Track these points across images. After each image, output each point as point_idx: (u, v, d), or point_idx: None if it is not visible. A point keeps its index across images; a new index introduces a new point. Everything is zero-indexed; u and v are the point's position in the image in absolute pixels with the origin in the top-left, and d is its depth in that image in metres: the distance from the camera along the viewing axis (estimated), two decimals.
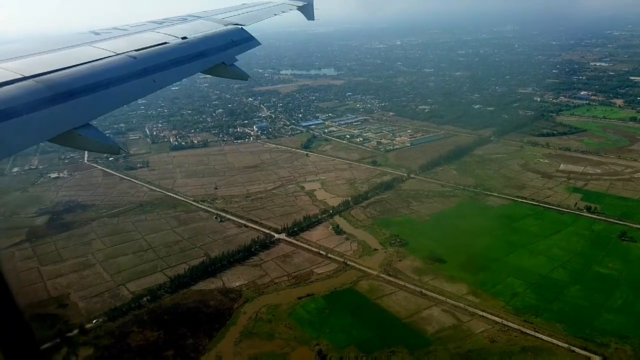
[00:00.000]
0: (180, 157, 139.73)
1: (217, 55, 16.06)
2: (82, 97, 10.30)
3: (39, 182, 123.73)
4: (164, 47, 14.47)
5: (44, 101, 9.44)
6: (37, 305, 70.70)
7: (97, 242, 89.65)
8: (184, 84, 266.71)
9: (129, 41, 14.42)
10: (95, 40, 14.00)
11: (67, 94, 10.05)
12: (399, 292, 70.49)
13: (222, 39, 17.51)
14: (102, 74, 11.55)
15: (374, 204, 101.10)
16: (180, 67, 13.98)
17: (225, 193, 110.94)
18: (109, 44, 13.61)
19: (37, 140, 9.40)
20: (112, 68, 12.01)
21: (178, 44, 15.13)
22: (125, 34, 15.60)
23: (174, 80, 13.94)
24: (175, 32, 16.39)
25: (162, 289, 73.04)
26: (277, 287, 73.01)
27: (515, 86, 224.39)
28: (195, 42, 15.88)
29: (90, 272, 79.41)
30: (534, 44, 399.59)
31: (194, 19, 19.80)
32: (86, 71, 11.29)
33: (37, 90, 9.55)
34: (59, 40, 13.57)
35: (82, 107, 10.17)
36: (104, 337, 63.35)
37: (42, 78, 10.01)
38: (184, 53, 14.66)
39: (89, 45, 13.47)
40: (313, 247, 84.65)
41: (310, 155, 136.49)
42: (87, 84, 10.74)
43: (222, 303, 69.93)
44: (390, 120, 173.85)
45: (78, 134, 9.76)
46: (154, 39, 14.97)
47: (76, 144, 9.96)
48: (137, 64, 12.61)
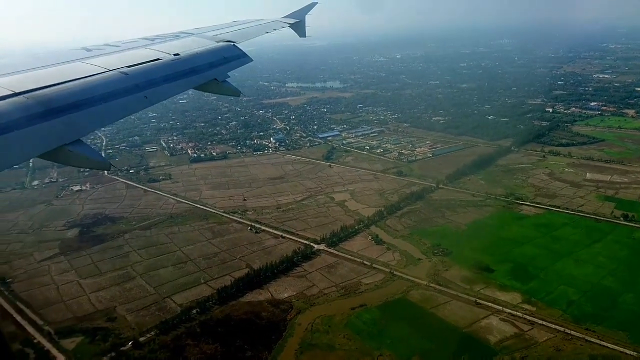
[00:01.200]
0: (202, 169, 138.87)
1: (209, 71, 16.07)
2: (73, 113, 10.28)
3: (62, 195, 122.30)
4: (156, 64, 14.45)
5: (35, 117, 9.42)
6: (85, 319, 69.45)
7: (133, 255, 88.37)
8: (192, 97, 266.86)
9: (120, 57, 14.44)
10: (87, 57, 13.98)
11: (58, 110, 10.04)
12: (453, 301, 69.79)
13: (214, 55, 17.54)
14: (94, 90, 11.50)
15: (408, 214, 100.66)
16: (172, 83, 13.94)
17: (254, 204, 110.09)
18: (100, 60, 13.59)
19: (27, 157, 9.29)
20: (103, 84, 11.98)
21: (170, 60, 15.12)
22: (117, 50, 15.59)
23: (166, 97, 13.73)
24: (167, 48, 16.42)
25: (210, 301, 71.83)
26: (327, 298, 72.08)
27: (524, 97, 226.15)
28: (187, 58, 15.89)
29: (132, 285, 78.10)
30: (533, 57, 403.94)
31: (186, 36, 19.93)
32: (77, 87, 11.26)
33: (28, 107, 9.55)
34: (50, 57, 13.57)
35: (73, 123, 10.16)
36: (160, 351, 62.04)
37: (33, 94, 10.02)
38: (176, 69, 14.68)
39: (81, 61, 13.41)
40: (355, 257, 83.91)
41: (333, 166, 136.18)
42: (79, 100, 10.74)
43: (274, 314, 68.84)
44: (406, 131, 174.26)
45: (68, 150, 9.73)
46: (146, 55, 15.00)
47: (66, 160, 9.92)
48: (129, 80, 12.62)
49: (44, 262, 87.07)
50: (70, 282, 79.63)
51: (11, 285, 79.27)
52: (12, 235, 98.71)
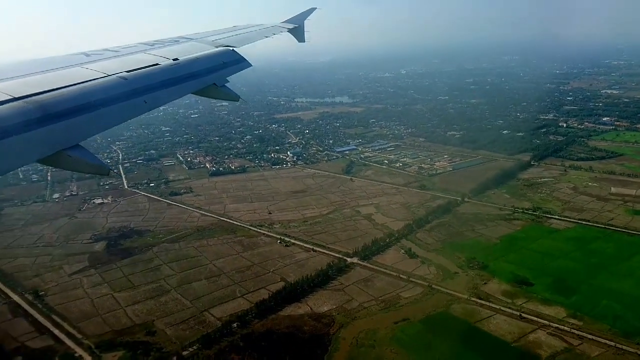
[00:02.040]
0: (222, 183, 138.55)
1: (208, 76, 16.09)
2: (72, 118, 10.29)
3: (84, 208, 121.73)
4: (155, 68, 14.44)
5: (34, 122, 9.44)
6: (124, 333, 68.53)
7: (165, 268, 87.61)
8: (203, 111, 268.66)
9: (120, 62, 14.42)
10: (86, 62, 13.95)
11: (57, 115, 10.05)
12: (496, 315, 68.98)
13: (213, 60, 17.57)
14: (93, 94, 11.50)
15: (437, 228, 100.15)
16: (172, 88, 13.98)
17: (280, 218, 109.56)
18: (100, 65, 13.58)
19: (26, 161, 9.37)
20: (102, 89, 11.97)
21: (169, 65, 15.14)
22: (116, 55, 15.59)
23: (166, 102, 13.71)
24: (167, 53, 16.44)
25: (249, 315, 70.93)
26: (369, 312, 71.21)
27: (535, 113, 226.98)
28: (187, 63, 15.90)
29: (168, 299, 77.24)
30: (539, 73, 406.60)
31: (185, 41, 19.94)
32: (76, 92, 11.26)
33: (27, 111, 9.59)
34: (49, 62, 13.57)
35: (72, 128, 10.17)
36: None
37: (32, 99, 10.03)
38: (175, 74, 14.72)
39: (80, 66, 13.39)
40: (390, 271, 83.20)
41: (355, 180, 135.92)
42: (78, 105, 10.74)
43: (316, 328, 67.93)
44: (422, 145, 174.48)
45: (67, 155, 9.74)
46: (145, 60, 15.01)
47: (65, 165, 9.97)
48: (128, 85, 12.62)
49: (74, 275, 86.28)
50: (104, 296, 78.76)
51: (44, 298, 78.36)
52: (39, 248, 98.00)
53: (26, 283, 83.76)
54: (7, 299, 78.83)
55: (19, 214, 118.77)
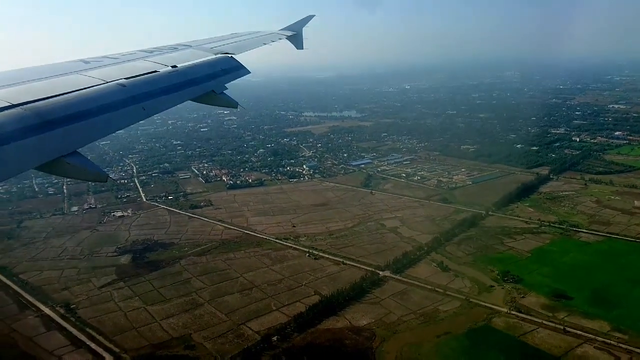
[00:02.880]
0: (241, 196, 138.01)
1: (207, 83, 16.14)
2: (70, 125, 10.27)
3: (104, 220, 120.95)
4: (154, 75, 14.48)
5: (32, 129, 9.41)
6: (163, 347, 67.48)
7: (195, 281, 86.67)
8: (212, 125, 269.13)
9: (119, 69, 14.44)
10: (85, 69, 13.99)
11: (56, 121, 10.04)
12: (540, 329, 68.09)
13: (212, 67, 17.65)
14: (92, 101, 11.51)
15: (466, 241, 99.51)
16: (170, 95, 14.02)
17: (305, 231, 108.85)
18: (98, 72, 13.61)
19: (25, 168, 9.30)
20: (101, 96, 11.99)
21: (168, 72, 15.19)
22: (115, 62, 15.59)
23: (164, 108, 13.66)
24: (165, 60, 16.48)
25: (287, 328, 69.87)
26: (409, 325, 70.28)
27: (546, 127, 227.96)
28: (185, 70, 15.94)
29: (202, 312, 76.25)
30: (543, 88, 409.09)
31: (184, 48, 19.98)
32: (75, 99, 11.26)
33: (25, 118, 9.56)
34: (48, 69, 13.58)
35: (71, 135, 10.15)
36: None
37: (30, 106, 10.00)
38: (173, 81, 14.76)
39: (79, 73, 13.40)
40: (424, 284, 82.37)
41: (375, 193, 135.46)
42: (76, 111, 10.73)
43: (358, 342, 66.96)
44: (438, 159, 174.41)
45: (66, 162, 9.72)
46: (144, 67, 15.06)
47: (64, 172, 9.94)
48: (127, 91, 12.65)
49: (104, 288, 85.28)
50: (137, 309, 77.71)
51: (76, 311, 77.30)
52: (64, 261, 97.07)
53: (55, 296, 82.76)
54: (38, 312, 77.74)
55: (38, 226, 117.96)
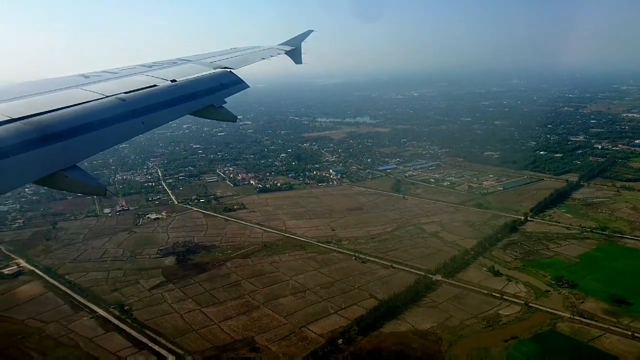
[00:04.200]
0: (273, 200, 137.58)
1: (206, 97, 16.15)
2: (70, 139, 10.31)
3: (140, 223, 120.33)
4: (153, 90, 14.54)
5: (32, 143, 9.45)
6: (227, 349, 66.83)
7: (245, 284, 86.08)
8: (229, 129, 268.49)
9: (118, 84, 14.51)
10: (84, 83, 14.04)
11: (55, 135, 10.07)
12: (607, 334, 67.57)
13: (211, 81, 17.69)
14: (91, 115, 11.55)
15: (510, 246, 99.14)
16: (170, 109, 14.01)
17: (345, 235, 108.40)
18: (98, 87, 13.67)
19: (24, 182, 9.32)
20: (101, 110, 12.04)
21: (167, 86, 15.24)
22: (114, 76, 15.66)
23: (163, 122, 13.73)
24: (165, 75, 16.56)
25: (350, 331, 69.22)
26: (473, 330, 69.71)
27: (564, 134, 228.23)
28: (185, 84, 16.03)
29: (260, 314, 75.61)
30: (552, 97, 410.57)
31: (183, 63, 20.07)
32: (75, 113, 11.30)
33: (25, 132, 9.59)
34: (48, 83, 13.63)
35: (70, 149, 10.19)
36: None
37: (30, 120, 10.05)
38: (173, 95, 14.79)
39: (79, 87, 13.46)
40: (479, 288, 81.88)
41: (408, 198, 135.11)
42: (76, 125, 10.76)
43: (425, 346, 66.36)
44: (463, 165, 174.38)
45: (65, 176, 9.76)
46: (144, 81, 15.13)
47: (63, 186, 9.97)
48: (126, 106, 12.69)
49: (154, 290, 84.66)
50: (192, 311, 77.05)
51: (131, 312, 76.60)
52: (108, 263, 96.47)
53: (106, 297, 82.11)
54: (92, 314, 77.04)
55: (74, 228, 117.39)
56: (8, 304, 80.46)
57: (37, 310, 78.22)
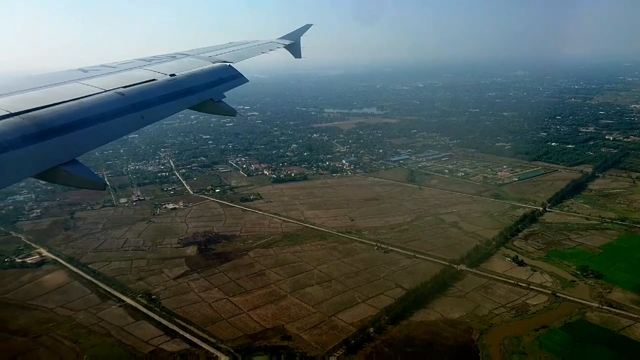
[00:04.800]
0: (288, 190, 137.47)
1: (205, 92, 16.22)
2: (69, 134, 10.33)
3: (157, 213, 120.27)
4: (152, 84, 14.56)
5: (31, 137, 9.45)
6: (259, 337, 67.07)
7: (270, 273, 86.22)
8: (237, 120, 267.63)
9: (117, 78, 14.48)
10: (83, 78, 13.97)
11: (54, 130, 10.08)
12: (637, 324, 67.76)
13: (210, 76, 17.70)
14: (90, 110, 11.55)
15: (532, 236, 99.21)
16: (168, 103, 14.07)
17: (365, 225, 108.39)
18: (97, 81, 13.63)
19: (22, 177, 9.35)
20: (99, 104, 12.03)
21: (166, 80, 15.26)
22: (113, 71, 15.65)
23: (162, 117, 13.67)
24: (164, 69, 16.53)
25: (380, 320, 69.42)
26: (502, 319, 69.94)
27: (574, 126, 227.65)
28: (183, 79, 16.00)
29: (288, 303, 75.83)
30: (557, 88, 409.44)
31: (182, 57, 20.02)
32: (73, 108, 11.30)
33: (24, 127, 9.59)
34: (46, 78, 13.55)
35: (69, 144, 10.20)
36: None
37: (28, 115, 10.04)
38: (172, 90, 14.82)
39: (77, 82, 13.40)
40: (504, 278, 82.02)
41: (424, 189, 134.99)
42: (74, 120, 10.78)
43: (456, 335, 66.59)
44: (475, 156, 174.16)
45: (64, 170, 9.78)
46: (142, 76, 15.13)
47: (62, 180, 9.99)
48: (125, 100, 12.69)
49: (179, 279, 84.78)
50: (220, 300, 77.25)
51: (159, 301, 76.80)
52: (130, 252, 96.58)
53: (132, 286, 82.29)
54: (120, 302, 77.25)
55: (92, 217, 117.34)
56: (35, 292, 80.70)
57: (65, 299, 78.45)
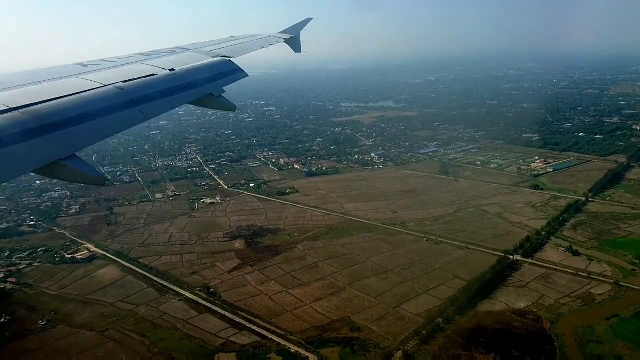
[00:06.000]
0: (323, 183, 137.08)
1: (205, 86, 16.15)
2: (68, 129, 10.25)
3: (196, 207, 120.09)
4: (152, 79, 14.52)
5: (30, 132, 9.39)
6: (327, 329, 66.76)
7: (323, 265, 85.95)
8: (255, 115, 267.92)
9: (116, 73, 14.45)
10: (83, 72, 13.97)
11: (53, 125, 10.02)
12: None
13: (210, 70, 17.65)
14: (89, 105, 11.51)
15: (581, 226, 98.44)
16: (168, 98, 14.04)
17: (408, 217, 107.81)
18: (96, 76, 13.60)
19: (22, 172, 9.23)
20: (99, 99, 11.98)
21: (166, 75, 15.23)
22: (113, 65, 15.58)
23: (162, 111, 13.61)
24: (163, 64, 16.50)
25: (447, 311, 68.94)
26: (570, 309, 69.36)
27: (598, 116, 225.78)
28: (183, 73, 15.96)
29: (349, 295, 75.55)
30: (572, 79, 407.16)
31: (182, 51, 19.97)
32: (73, 102, 11.24)
33: (23, 122, 9.52)
34: (46, 73, 13.50)
35: (68, 139, 10.16)
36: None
37: (28, 109, 9.98)
38: (171, 84, 14.77)
39: (77, 77, 13.39)
40: (562, 268, 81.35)
41: (460, 180, 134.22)
42: (74, 115, 10.72)
43: (527, 325, 66.06)
44: (504, 148, 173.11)
45: (64, 165, 9.75)
46: (142, 70, 15.08)
47: (62, 175, 9.94)
48: (125, 95, 12.65)
49: (233, 272, 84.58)
50: (279, 293, 77.01)
51: (220, 295, 76.62)
52: (177, 246, 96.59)
53: (187, 280, 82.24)
54: (179, 296, 77.13)
55: (131, 213, 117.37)
56: (92, 287, 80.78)
57: (123, 293, 78.46)
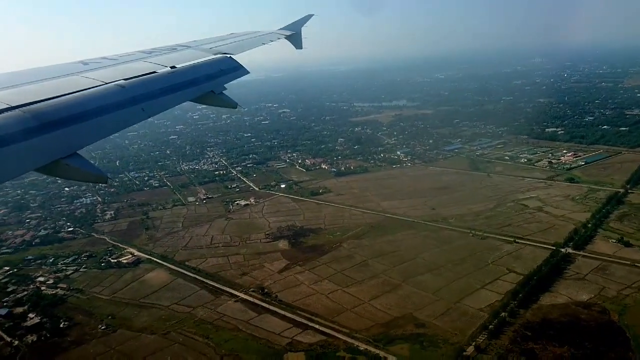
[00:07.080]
0: (355, 182, 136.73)
1: (206, 83, 16.13)
2: (69, 127, 10.21)
3: (232, 209, 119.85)
4: (153, 76, 14.44)
5: (31, 131, 9.33)
6: (391, 326, 66.29)
7: (373, 263, 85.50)
8: (270, 117, 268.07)
9: (117, 70, 14.37)
10: (84, 70, 13.87)
11: (55, 123, 9.98)
12: None
13: (211, 67, 17.59)
14: (90, 103, 11.47)
15: (626, 217, 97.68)
16: (169, 95, 14.00)
17: (448, 213, 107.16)
18: (97, 74, 13.54)
19: (23, 170, 9.18)
20: (100, 97, 11.94)
21: (167, 73, 15.22)
22: (114, 63, 15.53)
23: (163, 109, 13.52)
24: (164, 61, 16.45)
25: (509, 305, 68.28)
26: (634, 300, 68.59)
27: (617, 109, 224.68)
28: (184, 71, 15.93)
29: (406, 292, 75.05)
30: (582, 73, 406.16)
31: (182, 49, 19.88)
32: (74, 100, 11.20)
33: (24, 120, 9.48)
34: (47, 71, 13.49)
35: (70, 137, 10.11)
36: (510, 355, 58.55)
37: (29, 108, 9.92)
38: (172, 82, 14.77)
39: (78, 75, 13.31)
40: (617, 259, 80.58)
41: (492, 176, 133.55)
42: (75, 113, 10.69)
43: (594, 317, 65.37)
44: (529, 142, 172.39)
45: (65, 164, 9.66)
46: (143, 68, 15.04)
47: (63, 174, 9.92)
48: (126, 93, 12.63)
49: (283, 272, 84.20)
50: (335, 291, 76.59)
51: (276, 295, 76.24)
52: (221, 248, 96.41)
53: (238, 281, 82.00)
54: (234, 297, 76.78)
55: (167, 217, 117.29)
56: (144, 291, 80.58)
57: (176, 296, 78.20)
